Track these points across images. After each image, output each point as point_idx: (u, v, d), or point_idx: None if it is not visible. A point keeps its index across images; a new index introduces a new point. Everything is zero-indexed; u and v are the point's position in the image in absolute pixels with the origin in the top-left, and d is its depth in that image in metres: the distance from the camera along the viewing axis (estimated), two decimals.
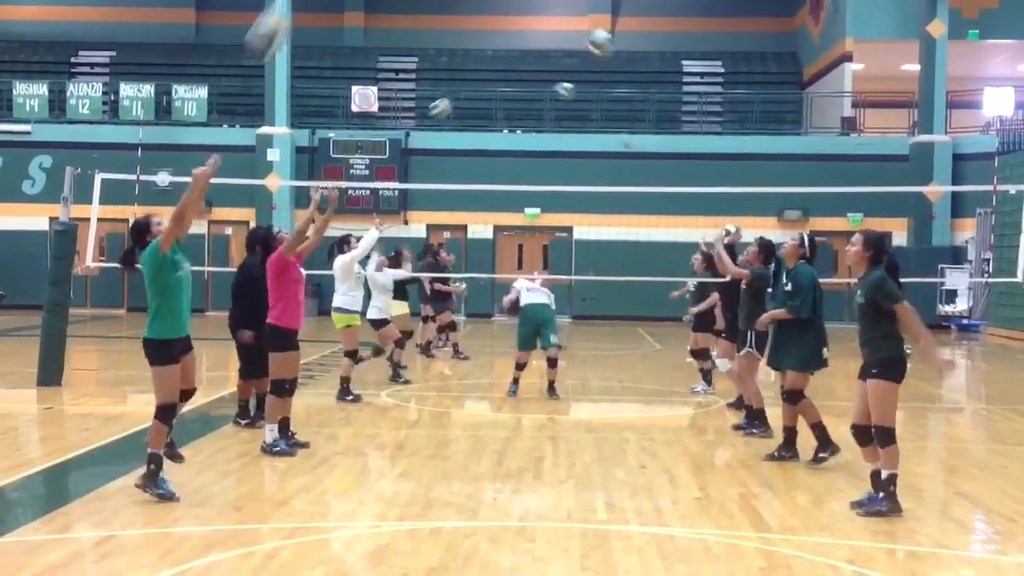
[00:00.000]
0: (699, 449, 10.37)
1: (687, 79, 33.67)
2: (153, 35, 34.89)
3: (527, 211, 28.65)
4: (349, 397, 12.74)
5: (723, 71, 33.89)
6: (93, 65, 33.85)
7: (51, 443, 10.04)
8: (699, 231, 20.20)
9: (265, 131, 28.62)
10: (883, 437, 7.58)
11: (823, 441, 9.30)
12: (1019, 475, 9.39)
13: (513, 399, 13.19)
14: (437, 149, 28.97)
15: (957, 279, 26.06)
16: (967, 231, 27.74)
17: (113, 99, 29.90)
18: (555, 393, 13.34)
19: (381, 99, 30.45)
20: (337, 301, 12.85)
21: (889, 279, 7.69)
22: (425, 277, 17.73)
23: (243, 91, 31.52)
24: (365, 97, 29.78)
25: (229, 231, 28.96)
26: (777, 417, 10.12)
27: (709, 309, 13.98)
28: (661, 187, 22.30)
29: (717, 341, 13.15)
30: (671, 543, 6.85)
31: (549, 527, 7.19)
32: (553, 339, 13.20)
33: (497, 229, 29.13)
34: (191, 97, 29.31)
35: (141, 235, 7.80)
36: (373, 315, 13.93)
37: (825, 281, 9.70)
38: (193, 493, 7.86)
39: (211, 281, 27.56)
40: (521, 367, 13.43)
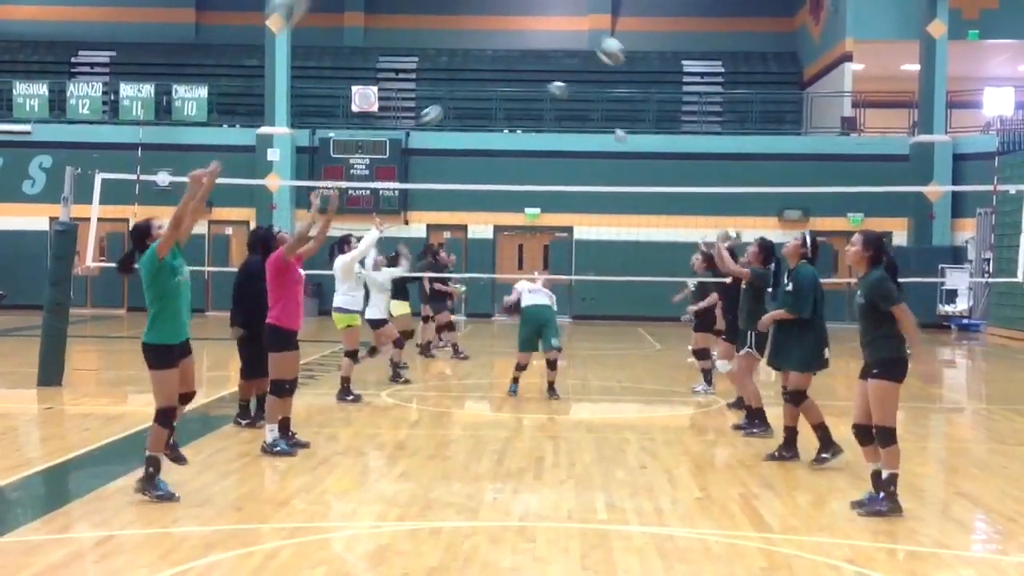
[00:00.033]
0: (699, 449, 10.36)
1: (687, 79, 33.67)
2: (153, 35, 34.89)
3: (527, 211, 28.64)
4: (349, 397, 12.74)
5: (723, 71, 33.89)
6: (93, 65, 33.85)
7: (51, 443, 10.05)
8: (699, 231, 20.20)
9: (265, 131, 28.62)
10: (884, 437, 7.58)
11: (825, 442, 9.30)
12: (1019, 475, 9.39)
13: (513, 399, 13.19)
14: (437, 149, 28.97)
15: (957, 279, 26.06)
16: (967, 231, 27.74)
17: (113, 99, 29.89)
18: (555, 393, 13.34)
19: (381, 99, 30.46)
20: (338, 301, 12.85)
21: (888, 280, 7.69)
22: (422, 276, 17.73)
23: (243, 91, 31.53)
24: (365, 97, 29.78)
25: (229, 231, 28.97)
26: (777, 417, 10.12)
27: (710, 309, 13.99)
28: (661, 187, 22.28)
29: (718, 342, 13.15)
30: (671, 543, 6.85)
31: (549, 527, 7.19)
32: (555, 342, 13.20)
33: (497, 229, 29.13)
34: (191, 97, 29.30)
35: (141, 238, 7.79)
36: (371, 315, 13.91)
37: (825, 281, 9.69)
38: (193, 493, 7.86)
39: (211, 281, 27.59)
40: (522, 368, 13.43)
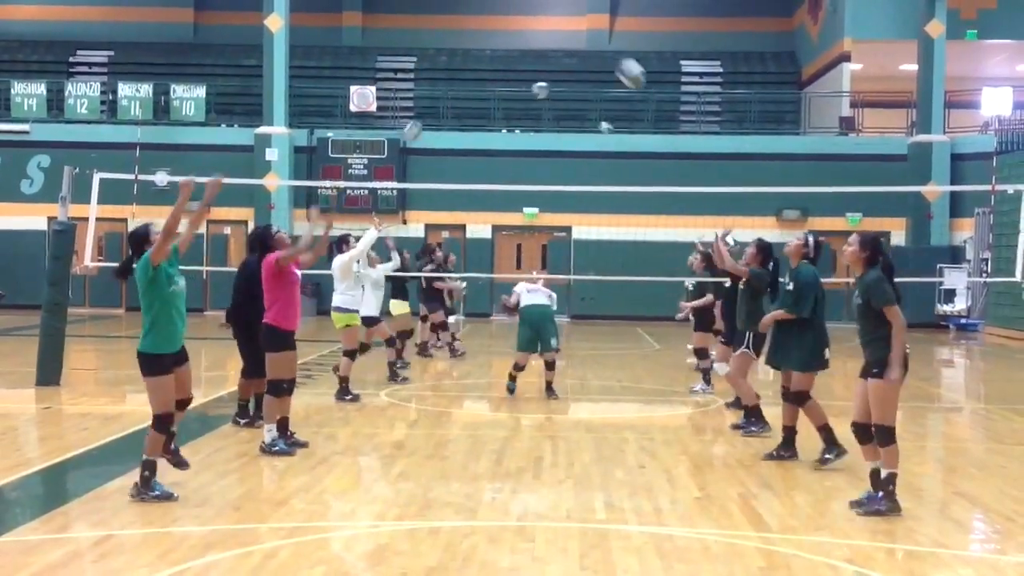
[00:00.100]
0: (698, 449, 10.36)
1: (686, 79, 33.67)
2: (151, 35, 34.88)
3: (526, 211, 28.63)
4: (348, 397, 12.73)
5: (722, 71, 33.90)
6: (91, 65, 33.84)
7: (50, 443, 10.04)
8: (697, 231, 20.20)
9: (263, 131, 28.60)
10: (883, 436, 7.58)
11: (829, 443, 9.27)
12: (1018, 475, 9.39)
13: (512, 399, 13.18)
14: (436, 149, 28.94)
15: (955, 279, 26.06)
16: (965, 231, 27.75)
17: (111, 99, 29.88)
18: (553, 393, 13.33)
19: (379, 99, 30.43)
20: (336, 300, 12.84)
21: (885, 281, 7.68)
22: (415, 274, 17.70)
23: (241, 91, 31.51)
24: (363, 97, 29.76)
25: (228, 231, 28.95)
26: (776, 416, 10.12)
27: (709, 309, 14.00)
28: (660, 187, 22.29)
29: (716, 343, 13.16)
30: (670, 543, 6.85)
31: (548, 527, 7.19)
32: (553, 343, 13.20)
33: (496, 229, 29.12)
34: (189, 97, 29.28)
35: (139, 244, 7.79)
36: (364, 312, 13.81)
37: (824, 281, 9.69)
38: (192, 493, 7.86)
39: (209, 281, 27.58)
40: (519, 368, 13.40)
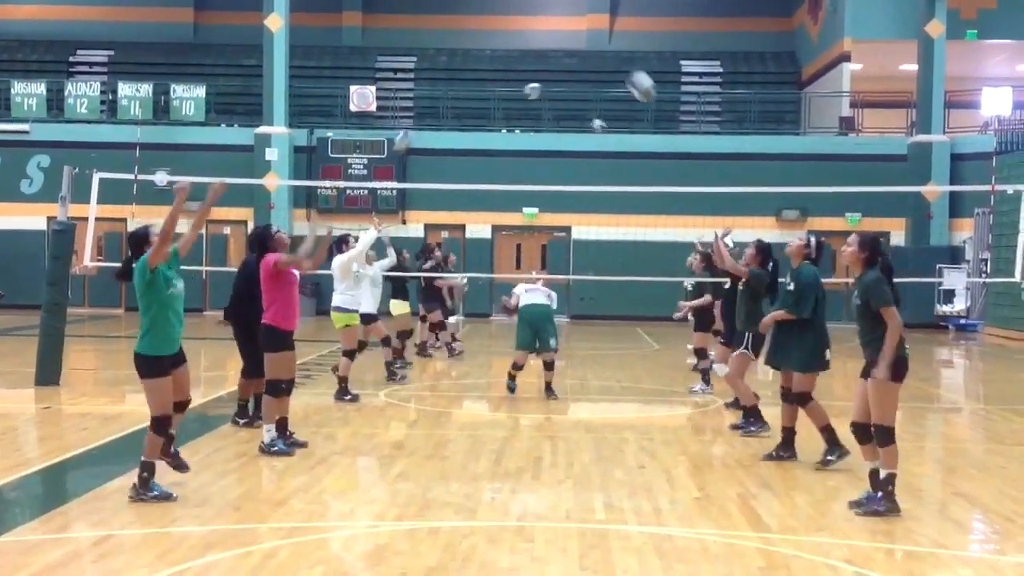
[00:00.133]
0: (698, 449, 10.36)
1: (685, 79, 33.66)
2: (151, 34, 34.87)
3: (525, 211, 28.63)
4: (347, 397, 12.73)
5: (721, 71, 33.89)
6: (91, 64, 33.84)
7: (49, 443, 10.04)
8: (697, 231, 20.20)
9: (263, 130, 28.59)
10: (883, 436, 7.58)
11: (831, 443, 9.25)
12: (1017, 475, 9.39)
13: (512, 399, 13.17)
14: (435, 149, 28.95)
15: (955, 279, 26.06)
16: (965, 231, 27.74)
17: (111, 98, 29.87)
18: (553, 393, 13.33)
19: (379, 99, 30.41)
20: (336, 300, 12.84)
21: (883, 281, 7.68)
22: (415, 274, 17.69)
23: (241, 90, 31.50)
24: (363, 97, 29.75)
25: (227, 231, 28.94)
26: (776, 417, 10.11)
27: (709, 309, 14.01)
28: (659, 187, 22.29)
29: (716, 344, 13.16)
30: (670, 543, 6.85)
31: (547, 527, 7.19)
32: (552, 343, 13.21)
33: (495, 229, 29.11)
34: (189, 96, 29.27)
35: (139, 245, 7.79)
36: (362, 309, 13.79)
37: (824, 281, 9.68)
38: (191, 493, 7.86)
39: (209, 281, 27.58)
40: (518, 368, 13.39)
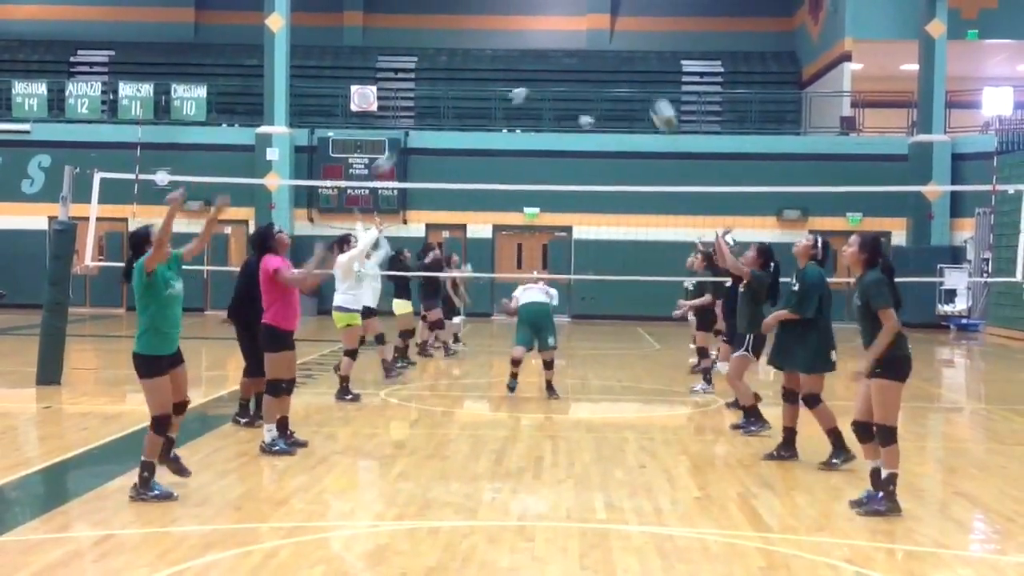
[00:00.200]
0: (698, 449, 10.36)
1: (686, 79, 33.66)
2: (152, 34, 34.87)
3: (526, 210, 28.62)
4: (348, 396, 12.73)
5: (722, 71, 33.89)
6: (92, 64, 33.83)
7: (50, 442, 10.04)
8: (697, 231, 20.20)
9: (264, 130, 28.59)
10: (884, 436, 7.57)
11: (837, 446, 9.23)
12: (1018, 475, 9.39)
13: (512, 399, 13.17)
14: (436, 148, 28.94)
15: (956, 279, 26.05)
16: (966, 231, 27.73)
17: (112, 98, 29.87)
18: (554, 392, 13.32)
19: (380, 98, 30.42)
20: (337, 300, 12.84)
21: (883, 282, 7.67)
22: (416, 273, 17.68)
23: (242, 90, 31.51)
24: (364, 96, 29.76)
25: (228, 230, 28.92)
26: (777, 417, 10.12)
27: (710, 309, 14.01)
28: (660, 187, 22.28)
29: (719, 343, 13.16)
30: (670, 543, 6.85)
31: (548, 527, 7.19)
32: (550, 341, 13.20)
33: (496, 228, 29.10)
34: (190, 96, 29.28)
35: (140, 245, 7.81)
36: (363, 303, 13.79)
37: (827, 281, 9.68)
38: (192, 492, 7.86)
39: (210, 280, 27.58)
40: (517, 363, 13.34)
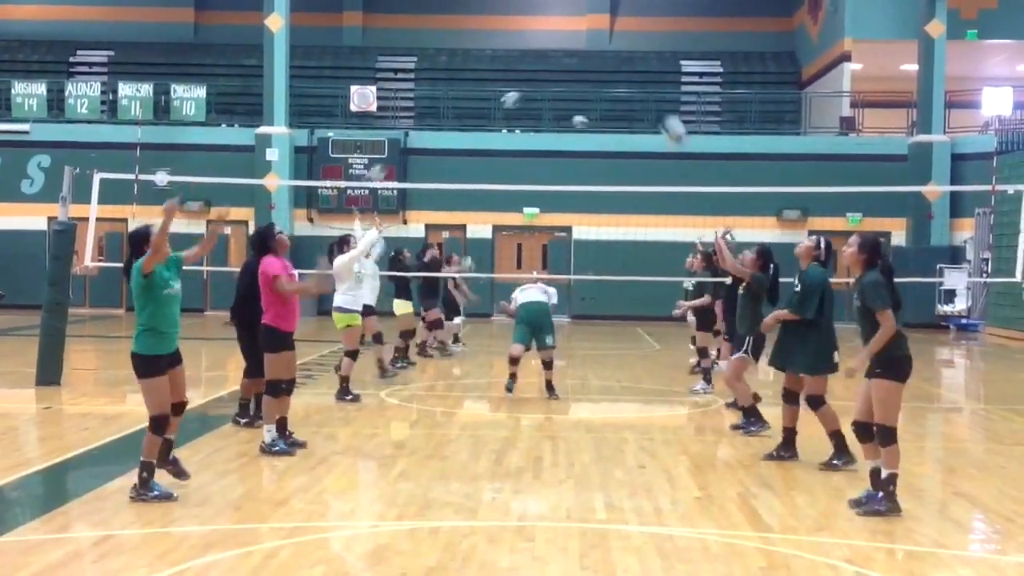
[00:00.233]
0: (698, 449, 10.37)
1: (686, 79, 33.66)
2: (152, 34, 34.87)
3: (526, 211, 28.62)
4: (348, 397, 12.74)
5: (722, 71, 33.88)
6: (92, 64, 33.83)
7: (50, 443, 10.05)
8: (697, 231, 20.19)
9: (264, 131, 28.58)
10: (884, 436, 7.57)
11: (839, 449, 9.22)
12: (1017, 475, 9.40)
13: (512, 399, 13.17)
14: (436, 149, 28.94)
15: (956, 279, 26.05)
16: (966, 231, 27.74)
17: (112, 98, 29.86)
18: (554, 392, 13.31)
19: (380, 99, 30.42)
20: (337, 301, 12.84)
21: (881, 284, 7.67)
22: (416, 273, 17.68)
23: (242, 90, 31.51)
24: (364, 97, 29.75)
25: (228, 230, 28.91)
26: (776, 417, 10.12)
27: (710, 308, 14.02)
28: (660, 187, 22.28)
29: (721, 342, 13.16)
30: (670, 543, 6.85)
31: (548, 527, 7.19)
32: (549, 340, 13.21)
33: (496, 229, 29.09)
34: (190, 96, 29.26)
35: (139, 244, 7.83)
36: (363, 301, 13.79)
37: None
38: (192, 493, 7.86)
39: (210, 281, 27.58)
40: (515, 361, 13.29)
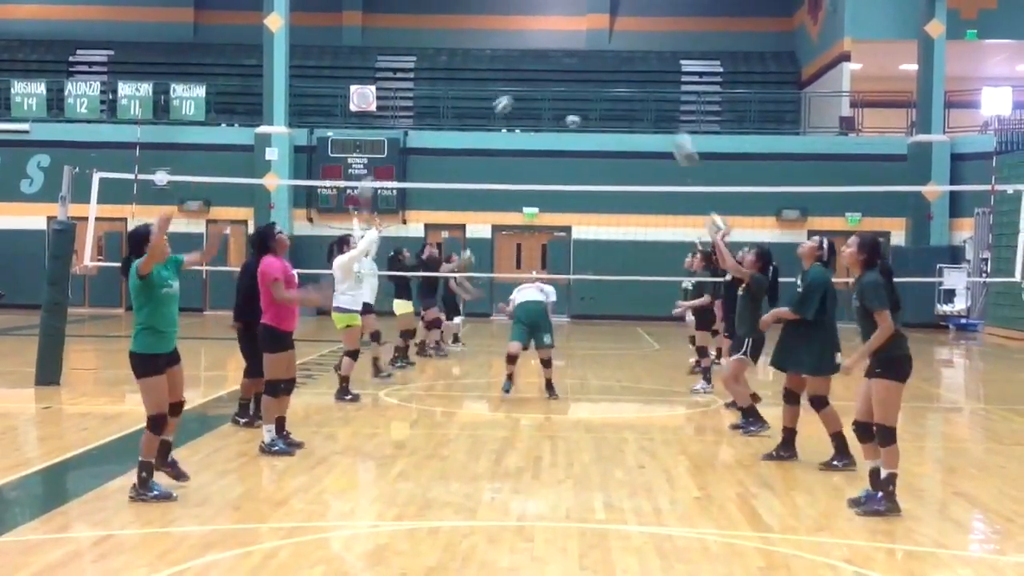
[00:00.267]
0: (698, 449, 10.37)
1: (685, 79, 33.67)
2: (151, 34, 34.87)
3: (525, 210, 28.62)
4: (348, 397, 12.74)
5: (721, 71, 33.89)
6: (91, 64, 33.83)
7: (49, 442, 10.04)
8: (697, 231, 20.16)
9: (263, 130, 28.57)
10: (884, 436, 7.57)
11: (840, 451, 9.22)
12: (1017, 475, 9.40)
13: (512, 399, 13.16)
14: (435, 148, 28.94)
15: (955, 279, 26.06)
16: (965, 231, 27.74)
17: (111, 98, 29.86)
18: (553, 392, 13.30)
19: (379, 98, 30.40)
20: (337, 301, 12.84)
21: (880, 284, 7.67)
22: (415, 273, 17.68)
23: (241, 90, 31.50)
24: (363, 96, 29.74)
25: (228, 230, 28.88)
26: (776, 417, 10.12)
27: (709, 308, 14.02)
28: (659, 187, 22.28)
29: (721, 341, 13.15)
30: (670, 543, 6.85)
31: (547, 527, 7.19)
32: (547, 339, 13.21)
33: (495, 228, 29.09)
34: (189, 96, 29.26)
35: (139, 244, 7.84)
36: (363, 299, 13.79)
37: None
38: (191, 493, 7.86)
39: (209, 280, 27.57)
40: (512, 360, 13.25)
